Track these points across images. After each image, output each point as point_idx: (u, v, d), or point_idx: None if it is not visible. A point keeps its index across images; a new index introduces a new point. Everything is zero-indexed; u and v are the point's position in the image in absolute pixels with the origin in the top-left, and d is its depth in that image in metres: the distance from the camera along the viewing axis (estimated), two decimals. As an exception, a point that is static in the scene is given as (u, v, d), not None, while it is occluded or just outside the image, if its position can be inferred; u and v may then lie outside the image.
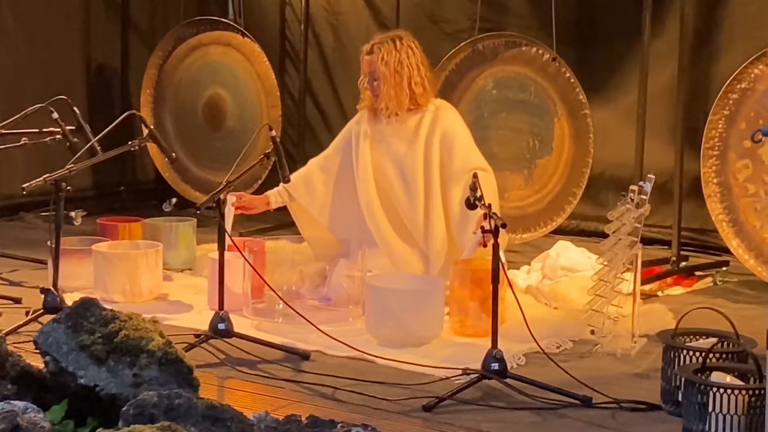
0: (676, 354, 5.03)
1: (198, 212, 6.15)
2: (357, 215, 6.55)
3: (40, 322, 5.55)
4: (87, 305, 4.57)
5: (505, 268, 5.37)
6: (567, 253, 6.75)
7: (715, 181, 6.95)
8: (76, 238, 6.87)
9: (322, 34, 9.09)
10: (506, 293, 5.64)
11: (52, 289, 5.96)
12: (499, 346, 5.21)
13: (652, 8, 7.20)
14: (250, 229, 7.31)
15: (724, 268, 7.21)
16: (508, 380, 5.21)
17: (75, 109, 6.83)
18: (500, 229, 5.17)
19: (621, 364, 5.65)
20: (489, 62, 7.65)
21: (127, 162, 9.14)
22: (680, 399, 4.77)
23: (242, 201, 6.54)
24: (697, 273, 7.20)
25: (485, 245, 5.23)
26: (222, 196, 5.79)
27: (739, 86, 6.85)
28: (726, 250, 7.10)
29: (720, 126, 6.92)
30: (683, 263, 7.25)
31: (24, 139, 6.89)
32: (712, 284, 7.09)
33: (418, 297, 6.01)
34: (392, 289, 6.05)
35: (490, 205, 5.29)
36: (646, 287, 6.69)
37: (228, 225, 6.09)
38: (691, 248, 7.52)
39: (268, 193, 6.69)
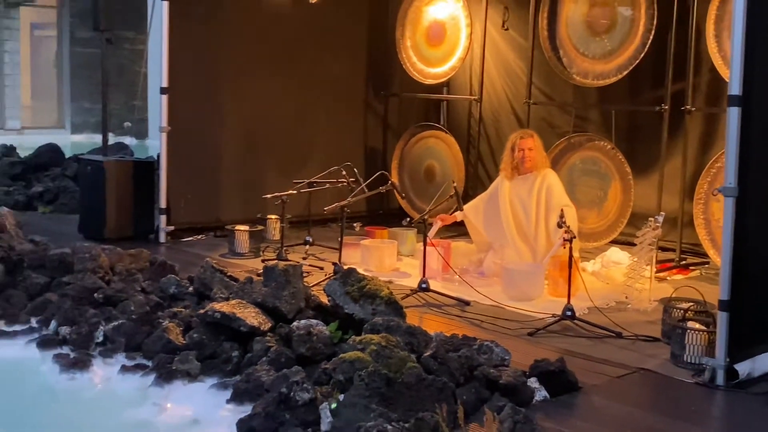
0: (671, 311, 4.96)
1: (413, 225, 6.29)
2: (500, 227, 6.51)
3: (327, 279, 5.77)
4: (351, 272, 4.74)
5: (578, 261, 5.37)
6: (616, 254, 6.64)
7: (701, 217, 6.73)
8: (354, 237, 7.01)
9: (489, 131, 9.06)
10: (577, 274, 5.60)
11: (338, 263, 6.15)
12: (571, 303, 5.22)
13: (669, 123, 7.07)
14: (442, 236, 7.37)
15: (706, 266, 6.96)
16: (576, 322, 5.21)
17: (355, 170, 7.01)
18: (573, 239, 5.21)
19: (641, 315, 5.57)
20: (577, 149, 7.56)
21: (383, 198, 9.22)
22: (671, 336, 4.70)
23: (443, 219, 6.64)
24: (690, 267, 6.97)
25: (564, 247, 5.28)
26: (426, 218, 5.90)
27: (714, 167, 6.66)
28: (707, 255, 6.86)
29: (704, 188, 6.71)
30: (682, 262, 7.03)
31: (327, 184, 7.13)
32: (699, 274, 6.84)
33: (530, 274, 5.99)
34: (516, 270, 6.04)
35: (569, 226, 5.31)
36: (660, 275, 6.51)
37: (432, 234, 6.22)
38: (686, 254, 7.27)
39: (456, 213, 6.68)
